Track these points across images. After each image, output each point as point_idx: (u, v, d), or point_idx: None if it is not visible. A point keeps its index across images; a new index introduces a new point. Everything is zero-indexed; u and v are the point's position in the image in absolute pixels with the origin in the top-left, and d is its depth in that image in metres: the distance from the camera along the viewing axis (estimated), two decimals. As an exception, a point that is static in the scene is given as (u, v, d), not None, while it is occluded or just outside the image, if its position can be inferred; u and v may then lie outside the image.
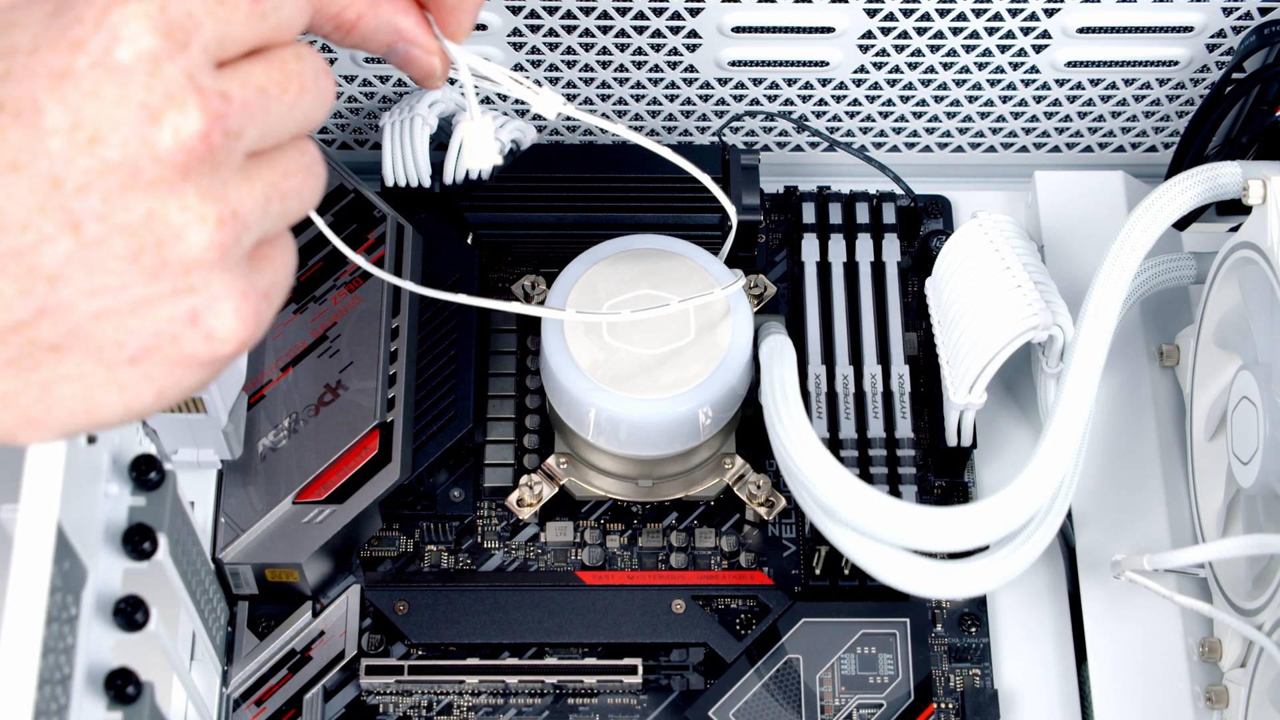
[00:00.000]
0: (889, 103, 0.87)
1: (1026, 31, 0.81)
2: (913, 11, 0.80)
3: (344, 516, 0.74)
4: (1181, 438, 0.80)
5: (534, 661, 0.76)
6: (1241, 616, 0.70)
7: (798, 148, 0.91)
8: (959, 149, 0.90)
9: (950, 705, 0.76)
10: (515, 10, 0.80)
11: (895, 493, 0.76)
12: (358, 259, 0.69)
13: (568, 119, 0.88)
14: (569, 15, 0.80)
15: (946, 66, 0.84)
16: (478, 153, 0.82)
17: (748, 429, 0.79)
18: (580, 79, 0.85)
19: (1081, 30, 0.81)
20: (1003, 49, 0.83)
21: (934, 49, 0.83)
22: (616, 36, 0.82)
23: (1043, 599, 0.78)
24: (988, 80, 0.85)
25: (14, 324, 0.44)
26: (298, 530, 0.74)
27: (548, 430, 0.81)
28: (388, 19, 0.60)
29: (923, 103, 0.87)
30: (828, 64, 0.84)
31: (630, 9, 0.80)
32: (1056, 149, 0.90)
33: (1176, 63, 0.83)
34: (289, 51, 0.48)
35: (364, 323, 0.78)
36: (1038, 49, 0.83)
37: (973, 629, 0.78)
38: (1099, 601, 0.77)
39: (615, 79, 0.85)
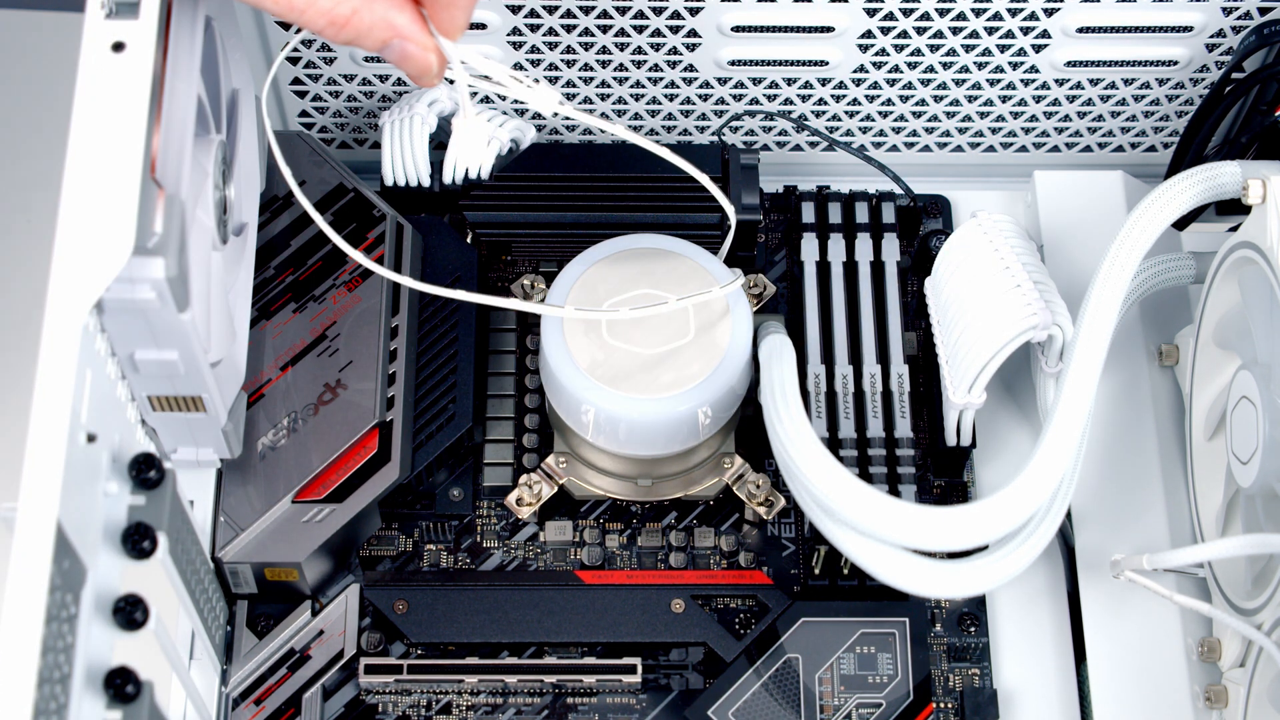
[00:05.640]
0: (888, 102, 0.87)
1: (1026, 31, 0.81)
2: (912, 11, 0.80)
3: (343, 516, 0.74)
4: (1181, 438, 0.80)
5: (533, 661, 0.76)
6: (1241, 616, 0.70)
7: (797, 147, 0.91)
8: (958, 149, 0.90)
9: (949, 705, 0.76)
10: (514, 9, 0.80)
11: (894, 492, 0.76)
12: (360, 257, 0.69)
13: (567, 118, 0.88)
14: (568, 15, 0.80)
15: (946, 66, 0.84)
16: (469, 149, 0.82)
17: (747, 428, 0.79)
18: (580, 78, 0.85)
19: (1081, 30, 0.81)
20: (1002, 49, 0.83)
21: (933, 48, 0.83)
22: (616, 36, 0.82)
23: (1042, 599, 0.78)
24: (987, 80, 0.85)
25: None
26: (297, 529, 0.74)
27: (547, 430, 0.81)
28: (382, 14, 0.60)
29: (922, 102, 0.87)
30: (827, 63, 0.84)
31: (630, 8, 0.80)
32: (1056, 149, 0.90)
33: (1176, 63, 0.83)
34: None
35: (363, 322, 0.78)
36: (1037, 49, 0.83)
37: (972, 629, 0.78)
38: (1098, 601, 0.77)
39: (614, 78, 0.85)
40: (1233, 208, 0.83)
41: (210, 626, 0.72)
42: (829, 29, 0.81)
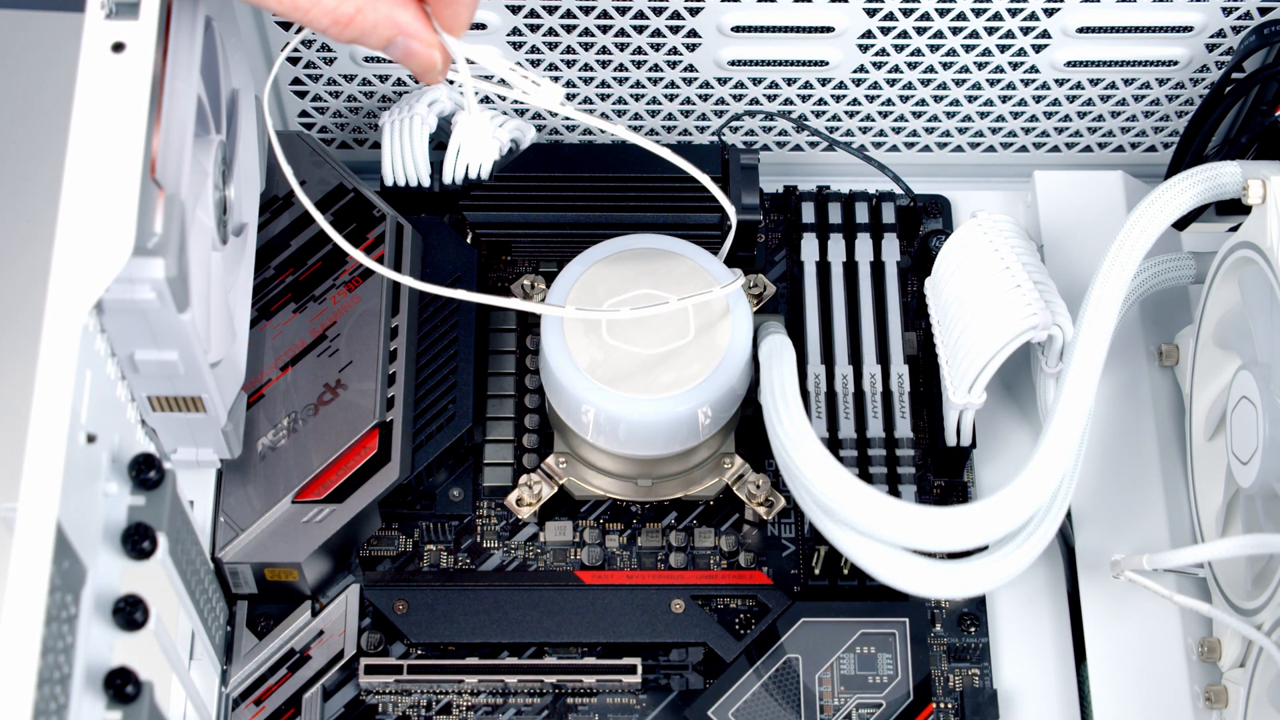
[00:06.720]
0: (888, 102, 0.87)
1: (1026, 31, 0.81)
2: (912, 11, 0.80)
3: (343, 516, 0.74)
4: (1181, 438, 0.80)
5: (533, 661, 0.76)
6: (1241, 616, 0.70)
7: (797, 147, 0.91)
8: (958, 149, 0.90)
9: (949, 705, 0.76)
10: (515, 10, 0.80)
11: (894, 492, 0.76)
12: (360, 256, 0.70)
13: (567, 118, 0.88)
14: (568, 15, 0.80)
15: (946, 66, 0.84)
16: (473, 145, 0.82)
17: (747, 429, 0.79)
18: (580, 78, 0.85)
19: (1081, 30, 0.81)
20: (1002, 49, 0.83)
21: (933, 49, 0.83)
22: (616, 36, 0.82)
23: (1042, 599, 0.78)
24: (987, 80, 0.85)
25: None
26: (297, 530, 0.74)
27: (547, 430, 0.81)
28: (386, 12, 0.60)
29: (922, 102, 0.87)
30: (827, 63, 0.84)
31: (630, 8, 0.80)
32: (1056, 149, 0.90)
33: (1176, 63, 0.83)
34: None
35: (363, 322, 0.78)
36: (1037, 49, 0.83)
37: (972, 629, 0.78)
38: (1098, 601, 0.77)
39: (615, 78, 0.85)
40: (1233, 208, 0.83)
41: (210, 626, 0.72)
42: (829, 29, 0.81)
